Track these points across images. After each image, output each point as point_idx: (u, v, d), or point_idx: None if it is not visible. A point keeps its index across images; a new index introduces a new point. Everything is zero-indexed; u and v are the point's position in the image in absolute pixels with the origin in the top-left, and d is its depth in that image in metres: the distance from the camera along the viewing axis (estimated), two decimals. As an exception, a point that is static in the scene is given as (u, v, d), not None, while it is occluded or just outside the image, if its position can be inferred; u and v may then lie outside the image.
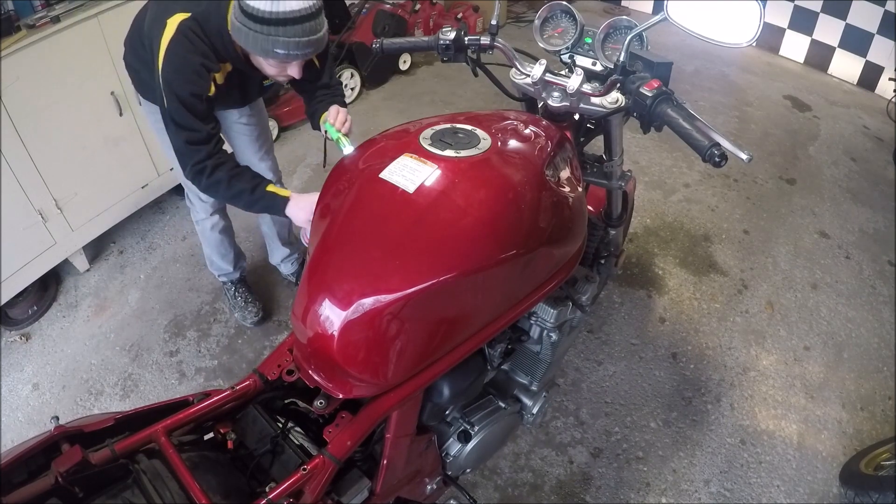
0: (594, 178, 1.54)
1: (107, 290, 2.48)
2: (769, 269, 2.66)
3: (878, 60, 3.94)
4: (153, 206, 2.76)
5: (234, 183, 1.54)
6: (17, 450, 0.94)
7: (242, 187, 1.54)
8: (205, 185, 1.54)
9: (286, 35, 1.35)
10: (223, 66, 1.58)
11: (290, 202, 1.56)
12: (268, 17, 1.33)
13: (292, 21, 1.34)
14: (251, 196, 1.54)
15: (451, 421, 1.41)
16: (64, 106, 2.15)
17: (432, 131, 1.17)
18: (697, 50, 4.08)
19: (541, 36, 1.44)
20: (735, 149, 1.01)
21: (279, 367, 1.18)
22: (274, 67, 1.48)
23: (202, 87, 1.49)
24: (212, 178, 1.52)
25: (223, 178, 1.53)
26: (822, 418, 2.09)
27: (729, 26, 1.16)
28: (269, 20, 1.33)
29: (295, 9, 1.33)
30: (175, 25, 1.44)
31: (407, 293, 0.96)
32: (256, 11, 1.33)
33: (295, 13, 1.33)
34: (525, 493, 1.86)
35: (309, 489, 1.02)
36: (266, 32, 1.35)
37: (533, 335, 1.47)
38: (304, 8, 1.34)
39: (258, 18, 1.33)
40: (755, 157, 1.21)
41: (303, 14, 1.34)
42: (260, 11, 1.32)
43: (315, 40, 1.40)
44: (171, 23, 1.44)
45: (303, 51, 1.40)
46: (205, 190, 1.58)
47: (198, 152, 1.50)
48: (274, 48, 1.37)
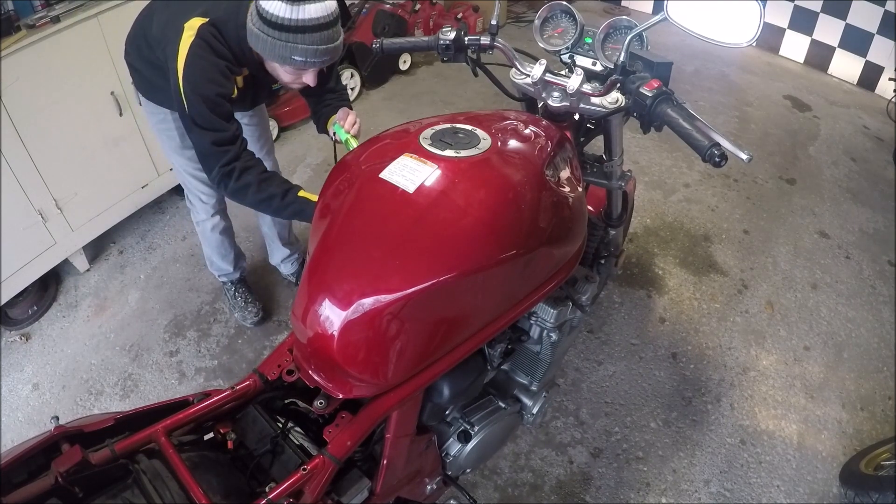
0: (594, 178, 1.54)
1: (107, 290, 2.48)
2: (769, 269, 2.66)
3: (878, 60, 3.94)
4: (153, 206, 2.76)
5: (265, 187, 1.50)
6: (17, 450, 0.94)
7: (273, 192, 1.50)
8: (232, 188, 1.50)
9: (304, 42, 1.34)
10: (242, 71, 1.57)
11: None
12: (287, 24, 1.32)
13: (311, 29, 1.33)
14: (282, 201, 1.50)
15: (451, 421, 1.41)
16: (64, 106, 2.15)
17: (432, 131, 1.17)
18: (697, 50, 4.08)
19: (541, 36, 1.44)
20: (735, 149, 1.01)
21: (279, 367, 1.18)
22: (289, 74, 1.48)
23: (228, 87, 1.48)
24: (240, 182, 1.48)
25: (252, 181, 1.49)
26: (822, 418, 2.09)
27: (729, 26, 1.16)
28: (289, 27, 1.32)
29: (314, 16, 1.32)
30: (195, 30, 1.42)
31: (407, 293, 0.96)
32: (276, 18, 1.32)
33: (314, 21, 1.32)
34: (525, 493, 1.86)
35: (309, 489, 1.02)
36: (285, 39, 1.34)
37: (533, 335, 1.47)
38: (323, 16, 1.33)
39: (277, 25, 1.33)
40: (755, 157, 1.21)
41: (322, 22, 1.34)
42: (279, 18, 1.32)
43: (333, 48, 1.39)
44: (190, 27, 1.43)
45: (321, 58, 1.39)
46: (231, 194, 1.53)
47: (225, 153, 1.47)
48: (292, 55, 1.37)
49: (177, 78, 1.44)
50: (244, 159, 1.50)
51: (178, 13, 1.47)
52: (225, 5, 1.47)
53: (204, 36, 1.43)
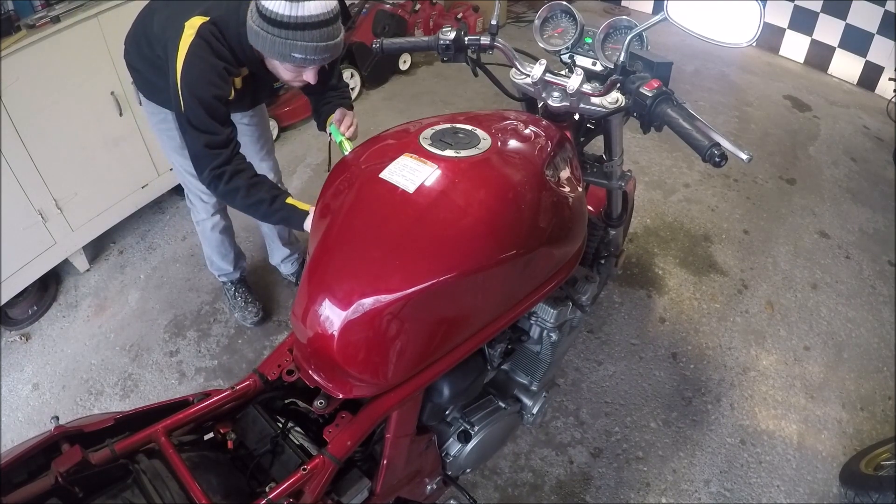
0: (594, 178, 1.54)
1: (107, 290, 2.48)
2: (769, 269, 2.66)
3: (878, 60, 3.93)
4: (153, 206, 2.76)
5: (254, 192, 1.50)
6: (17, 450, 0.94)
7: (262, 197, 1.51)
8: (222, 191, 1.51)
9: (304, 40, 1.34)
10: (241, 71, 1.57)
11: (310, 217, 1.51)
12: (286, 22, 1.32)
13: (311, 26, 1.33)
14: (270, 207, 1.51)
15: (451, 421, 1.41)
16: (64, 106, 2.15)
17: (432, 131, 1.17)
18: (697, 50, 4.08)
19: (541, 36, 1.44)
20: (735, 149, 1.01)
21: (279, 367, 1.18)
22: (290, 72, 1.47)
23: (225, 90, 1.48)
24: (230, 185, 1.49)
25: (241, 185, 1.49)
26: (822, 418, 2.09)
27: (729, 26, 1.16)
28: (288, 24, 1.32)
29: (314, 13, 1.32)
30: (195, 29, 1.42)
31: (407, 293, 0.96)
32: (275, 15, 1.32)
33: (314, 18, 1.32)
34: (525, 493, 1.86)
35: (309, 489, 1.02)
36: (284, 37, 1.34)
37: (533, 335, 1.47)
38: (323, 13, 1.33)
39: (277, 22, 1.33)
40: (755, 157, 1.21)
41: (321, 19, 1.33)
42: (279, 15, 1.32)
43: (333, 45, 1.39)
44: (190, 26, 1.43)
45: (320, 56, 1.39)
46: (221, 196, 1.55)
47: (217, 156, 1.48)
48: (292, 52, 1.36)
49: (175, 77, 1.44)
50: (235, 163, 1.51)
51: (179, 11, 1.47)
52: (226, 4, 1.47)
53: (204, 35, 1.43)
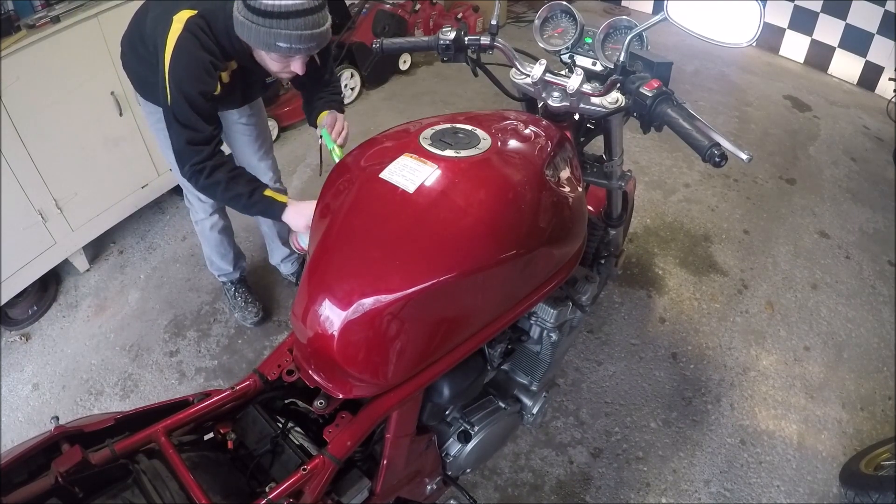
0: (594, 178, 1.54)
1: (107, 290, 2.48)
2: (769, 269, 2.66)
3: (878, 60, 3.93)
4: (153, 206, 2.76)
5: (232, 186, 1.54)
6: (17, 450, 0.94)
7: (240, 190, 1.55)
8: (202, 185, 1.54)
9: (288, 28, 1.35)
10: (229, 65, 1.58)
11: (288, 208, 1.56)
12: (270, 11, 1.33)
13: (295, 14, 1.34)
14: (248, 200, 1.55)
15: (451, 421, 1.41)
16: (64, 106, 2.15)
17: (432, 131, 1.17)
18: (697, 50, 4.08)
19: (541, 36, 1.44)
20: (735, 149, 1.01)
21: (279, 367, 1.18)
22: (277, 62, 1.48)
23: (210, 85, 1.49)
24: (210, 179, 1.53)
25: (221, 179, 1.53)
26: (822, 418, 2.09)
27: (729, 26, 1.16)
28: (272, 13, 1.33)
29: (298, 1, 1.33)
30: (182, 22, 1.44)
31: (407, 293, 0.96)
32: (259, 5, 1.33)
33: (297, 6, 1.33)
34: (525, 493, 1.86)
35: (309, 489, 1.02)
36: (268, 26, 1.35)
37: (533, 335, 1.47)
38: (307, 1, 1.34)
39: (261, 12, 1.34)
40: (755, 157, 1.21)
41: (306, 7, 1.35)
42: (262, 5, 1.33)
43: (318, 34, 1.40)
44: (178, 20, 1.44)
45: (305, 45, 1.40)
46: (201, 190, 1.59)
47: (198, 153, 1.50)
48: (276, 41, 1.37)
49: (163, 71, 1.45)
50: (216, 158, 1.53)
51: (169, 7, 1.48)
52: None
53: (191, 28, 1.44)
